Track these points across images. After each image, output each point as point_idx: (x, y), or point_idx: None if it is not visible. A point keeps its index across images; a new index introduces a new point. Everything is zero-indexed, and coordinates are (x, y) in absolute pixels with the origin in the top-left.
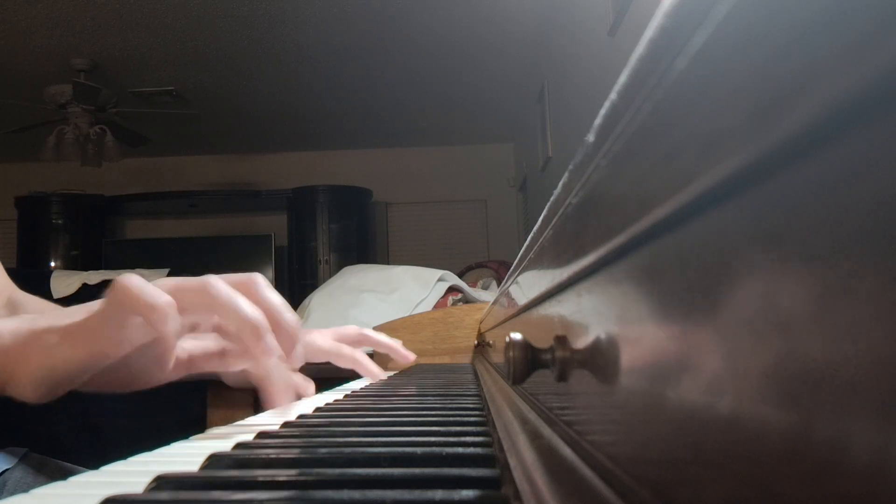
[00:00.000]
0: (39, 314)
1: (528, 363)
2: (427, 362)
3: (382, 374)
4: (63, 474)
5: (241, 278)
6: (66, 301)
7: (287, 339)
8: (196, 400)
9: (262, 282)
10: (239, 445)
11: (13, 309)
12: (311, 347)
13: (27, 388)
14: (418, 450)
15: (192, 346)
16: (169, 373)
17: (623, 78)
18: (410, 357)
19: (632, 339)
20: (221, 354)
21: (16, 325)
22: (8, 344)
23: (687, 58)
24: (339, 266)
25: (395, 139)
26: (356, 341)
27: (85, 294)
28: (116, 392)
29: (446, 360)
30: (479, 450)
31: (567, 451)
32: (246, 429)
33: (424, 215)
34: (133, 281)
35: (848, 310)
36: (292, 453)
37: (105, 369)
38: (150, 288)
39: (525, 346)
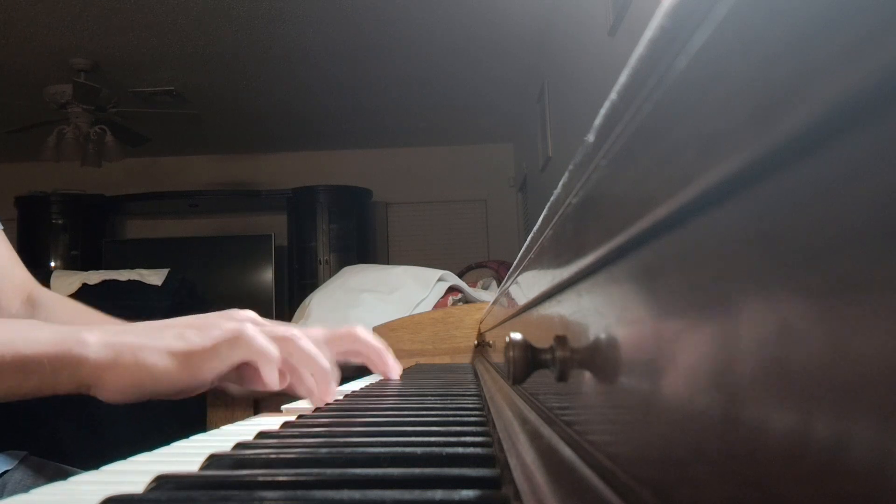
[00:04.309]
0: (122, 325)
1: (528, 363)
2: (427, 362)
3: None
4: (63, 476)
5: (342, 334)
6: None
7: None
8: (196, 400)
9: (361, 334)
10: (239, 445)
11: (33, 306)
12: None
13: (115, 393)
14: (418, 450)
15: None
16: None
17: (623, 78)
18: (395, 372)
19: (632, 340)
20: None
21: (101, 337)
22: (97, 354)
23: (687, 58)
24: (339, 266)
25: (395, 139)
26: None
27: (85, 294)
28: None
29: (446, 360)
30: (479, 450)
31: (567, 451)
32: (246, 429)
33: (424, 215)
34: (251, 332)
35: (847, 309)
36: (292, 453)
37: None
38: (263, 340)
39: (525, 346)
